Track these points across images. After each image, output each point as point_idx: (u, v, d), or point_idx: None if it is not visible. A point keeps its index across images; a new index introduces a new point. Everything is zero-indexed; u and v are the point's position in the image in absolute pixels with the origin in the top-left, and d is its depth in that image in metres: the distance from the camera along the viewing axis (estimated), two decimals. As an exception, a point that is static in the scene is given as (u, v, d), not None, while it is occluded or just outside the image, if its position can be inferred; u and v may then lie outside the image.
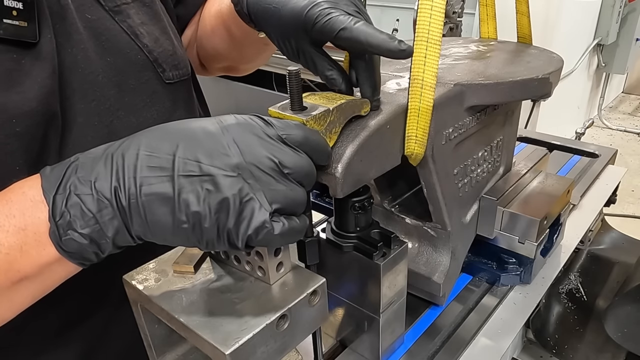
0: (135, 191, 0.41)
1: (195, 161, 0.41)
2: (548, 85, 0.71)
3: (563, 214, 0.88)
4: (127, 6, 0.64)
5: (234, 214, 0.41)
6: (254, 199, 0.42)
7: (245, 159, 0.42)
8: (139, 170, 0.41)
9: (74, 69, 0.57)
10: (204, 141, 0.42)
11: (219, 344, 0.42)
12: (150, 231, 0.42)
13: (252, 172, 0.42)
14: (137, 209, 0.41)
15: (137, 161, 0.42)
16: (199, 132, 0.43)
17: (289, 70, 0.49)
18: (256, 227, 0.42)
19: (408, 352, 0.72)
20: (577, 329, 0.90)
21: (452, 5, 2.25)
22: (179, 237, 0.43)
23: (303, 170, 0.45)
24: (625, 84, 5.01)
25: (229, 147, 0.42)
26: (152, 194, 0.41)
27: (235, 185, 0.41)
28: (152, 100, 0.66)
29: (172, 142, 0.42)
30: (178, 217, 0.41)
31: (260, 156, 0.43)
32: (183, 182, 0.41)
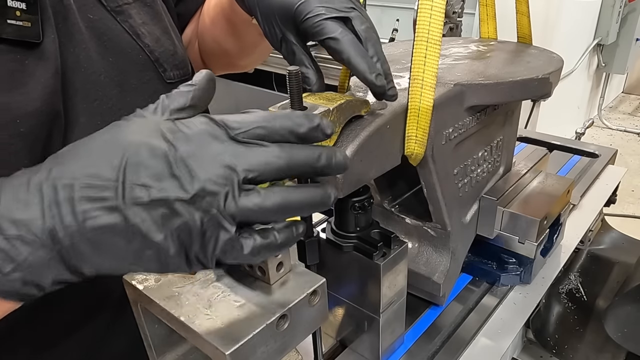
0: (78, 228, 0.36)
1: (142, 186, 0.37)
2: (548, 85, 0.71)
3: (563, 214, 0.88)
4: (129, 6, 0.64)
5: (198, 237, 0.37)
6: (213, 218, 0.37)
7: (197, 176, 0.37)
8: (77, 204, 0.36)
9: (77, 69, 0.57)
10: (149, 162, 0.37)
11: (219, 344, 0.42)
12: (105, 266, 0.38)
13: (206, 188, 0.37)
14: (86, 246, 0.37)
15: (73, 193, 0.37)
16: (143, 151, 0.38)
17: (289, 70, 0.49)
18: (222, 248, 0.38)
19: (408, 352, 0.72)
20: (577, 329, 0.90)
21: (452, 5, 2.25)
22: (143, 265, 0.39)
23: (271, 167, 0.39)
24: (625, 84, 5.01)
25: (177, 167, 0.37)
26: (100, 228, 0.37)
27: (190, 206, 0.37)
28: (154, 100, 0.65)
29: (113, 166, 0.37)
30: (137, 247, 0.37)
31: (213, 169, 0.38)
32: (134, 212, 0.37)
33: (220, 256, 0.39)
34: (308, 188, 0.41)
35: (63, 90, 0.55)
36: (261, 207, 0.38)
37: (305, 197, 0.41)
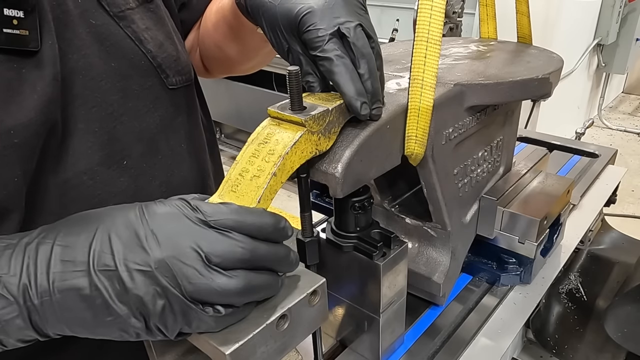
0: (47, 288, 0.38)
1: (110, 254, 0.39)
2: (548, 85, 0.71)
3: (563, 214, 0.88)
4: (132, 12, 0.64)
5: (156, 312, 0.39)
6: (175, 295, 0.39)
7: (163, 252, 0.39)
8: (52, 264, 0.39)
9: (75, 75, 0.57)
10: (122, 233, 0.40)
11: (219, 344, 0.42)
12: (69, 328, 0.40)
13: (170, 265, 0.39)
14: (51, 307, 0.39)
15: (50, 255, 0.39)
16: (119, 222, 0.40)
17: (289, 70, 0.49)
18: (184, 321, 0.40)
19: (408, 352, 0.72)
20: (577, 329, 0.90)
21: (452, 5, 2.25)
22: (105, 332, 0.40)
23: (235, 256, 0.41)
24: (625, 84, 5.01)
25: (146, 240, 0.39)
26: (67, 290, 0.38)
27: (150, 282, 0.39)
28: (155, 106, 0.66)
29: (89, 233, 0.40)
30: (101, 313, 0.39)
31: (181, 247, 0.39)
32: (100, 278, 0.38)
33: (183, 329, 0.41)
34: (267, 276, 0.44)
35: (61, 97, 0.55)
36: (223, 289, 0.40)
37: (266, 282, 0.44)
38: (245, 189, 0.48)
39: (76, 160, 0.56)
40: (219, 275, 0.40)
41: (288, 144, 0.48)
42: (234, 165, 0.50)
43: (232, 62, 0.87)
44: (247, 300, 0.43)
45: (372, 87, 0.54)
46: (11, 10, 0.48)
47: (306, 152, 0.50)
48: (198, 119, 0.77)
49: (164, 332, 0.41)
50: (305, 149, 0.50)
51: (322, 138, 0.52)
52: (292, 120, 0.50)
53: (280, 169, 0.48)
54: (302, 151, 0.50)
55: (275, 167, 0.47)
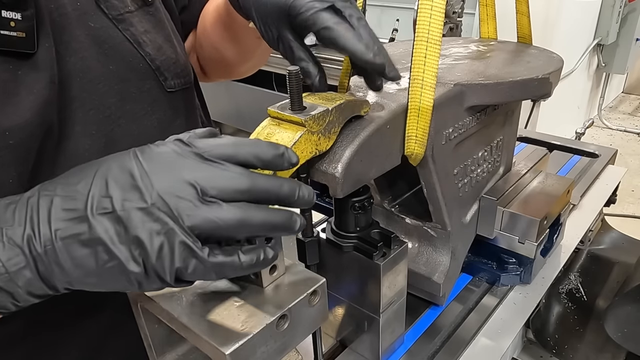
0: (50, 236, 0.38)
1: (107, 197, 0.39)
2: (548, 85, 0.71)
3: (563, 214, 0.88)
4: (131, 15, 0.64)
5: (154, 249, 0.38)
6: (172, 229, 0.38)
7: (159, 188, 0.39)
8: (53, 213, 0.39)
9: (72, 77, 0.57)
10: (118, 175, 0.40)
11: (219, 344, 0.42)
12: (74, 277, 0.39)
13: (167, 200, 0.38)
14: (55, 255, 0.39)
15: (51, 205, 0.39)
16: (114, 167, 0.40)
17: (289, 70, 0.49)
18: (182, 260, 0.39)
19: (408, 352, 0.72)
20: (577, 329, 0.90)
21: (452, 5, 2.25)
22: (108, 280, 0.40)
23: (232, 187, 0.40)
24: (625, 84, 5.00)
25: (141, 179, 0.39)
26: (69, 237, 0.38)
27: (149, 217, 0.38)
28: (153, 109, 0.66)
29: (87, 181, 0.40)
30: (101, 258, 0.38)
31: (176, 183, 0.39)
32: (98, 221, 0.38)
33: (180, 272, 0.39)
34: (272, 209, 0.42)
35: (58, 99, 0.55)
36: (221, 219, 0.39)
37: (267, 217, 0.41)
38: (245, 189, 0.48)
39: (72, 163, 0.56)
40: (216, 206, 0.39)
41: (288, 144, 0.48)
42: (234, 165, 0.50)
43: (228, 64, 0.87)
44: (248, 232, 0.41)
45: (379, 48, 0.54)
46: (9, 12, 0.48)
47: (306, 152, 0.50)
48: (197, 122, 0.77)
49: (161, 276, 0.39)
50: (305, 149, 0.50)
51: (322, 138, 0.52)
52: (292, 120, 0.50)
53: (280, 169, 0.48)
54: (302, 151, 0.50)
55: (275, 167, 0.47)
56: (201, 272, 0.40)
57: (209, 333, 0.43)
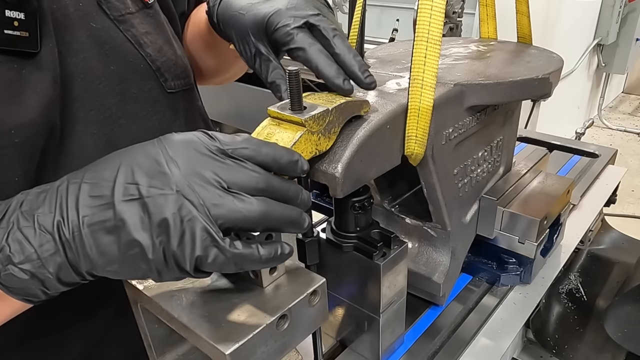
0: (78, 223, 0.39)
1: (134, 184, 0.39)
2: (548, 85, 0.71)
3: (563, 214, 0.88)
4: (132, 16, 0.64)
5: (176, 235, 0.39)
6: (195, 217, 0.39)
7: (185, 174, 0.40)
8: (81, 200, 0.40)
9: (74, 78, 0.57)
10: (143, 162, 0.40)
11: (219, 344, 0.42)
12: (98, 264, 0.40)
13: (193, 188, 0.39)
14: (82, 241, 0.39)
15: (79, 192, 0.40)
16: (139, 154, 0.41)
17: (289, 70, 0.49)
18: (203, 248, 0.39)
19: (408, 352, 0.72)
20: (577, 329, 0.90)
21: (452, 5, 2.25)
22: (129, 267, 0.40)
23: (251, 184, 0.41)
24: (625, 84, 5.01)
25: (167, 165, 0.40)
26: (95, 224, 0.39)
27: (174, 203, 0.39)
28: (154, 109, 0.66)
29: (113, 168, 0.41)
30: (123, 245, 0.39)
31: (198, 171, 0.40)
32: (124, 208, 0.39)
33: (200, 261, 0.39)
34: (287, 206, 0.44)
35: (60, 99, 0.55)
36: (247, 210, 0.40)
37: (285, 212, 0.44)
38: (245, 189, 0.48)
39: (74, 162, 0.56)
40: (242, 197, 0.40)
41: (288, 144, 0.48)
42: (234, 165, 0.50)
43: (203, 74, 0.88)
44: (267, 225, 0.42)
45: (355, 59, 0.56)
46: (12, 12, 0.49)
47: (306, 152, 0.50)
48: (197, 123, 0.78)
49: (181, 265, 0.40)
50: (305, 149, 0.50)
51: (322, 138, 0.52)
52: (292, 120, 0.50)
53: (280, 169, 0.48)
54: (302, 151, 0.50)
55: (275, 167, 0.47)
56: (221, 262, 0.40)
57: (209, 333, 0.43)
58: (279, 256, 0.43)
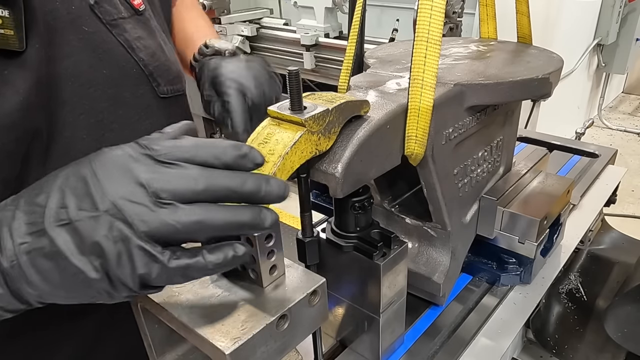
0: (14, 251, 0.38)
1: (63, 208, 0.38)
2: (548, 85, 0.71)
3: (563, 214, 0.88)
4: (124, 20, 0.64)
5: (113, 257, 0.37)
6: (128, 237, 0.37)
7: (111, 195, 0.38)
8: (16, 227, 0.39)
9: (64, 81, 0.56)
10: (73, 184, 0.39)
11: (219, 344, 0.42)
12: (44, 291, 0.39)
13: (121, 207, 0.37)
14: (21, 270, 0.38)
15: (13, 221, 0.39)
16: (71, 175, 0.40)
17: (289, 70, 0.49)
18: (143, 266, 0.38)
19: (408, 352, 0.72)
20: (577, 329, 0.90)
21: (452, 5, 2.24)
22: (76, 292, 0.39)
23: (188, 188, 0.39)
24: (625, 84, 5.00)
25: (93, 186, 0.38)
26: (32, 251, 0.38)
27: (104, 225, 0.37)
28: (147, 114, 0.66)
29: (47, 193, 0.39)
30: (64, 271, 0.38)
31: (128, 187, 0.38)
32: (56, 233, 0.38)
33: (144, 278, 0.38)
34: (237, 207, 0.40)
35: (47, 102, 0.54)
36: (178, 222, 0.38)
37: (231, 217, 0.40)
38: (245, 189, 0.48)
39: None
40: (173, 209, 0.38)
41: (288, 144, 0.48)
42: (234, 165, 0.50)
43: None
44: (209, 233, 0.40)
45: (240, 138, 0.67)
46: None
47: (306, 152, 0.50)
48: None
49: (126, 284, 0.38)
50: (305, 149, 0.50)
51: (322, 138, 0.52)
52: (292, 120, 0.50)
53: (280, 169, 0.48)
54: (302, 151, 0.50)
55: (275, 167, 0.47)
56: (165, 277, 0.39)
57: (209, 333, 0.43)
58: (231, 260, 0.40)
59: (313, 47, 2.69)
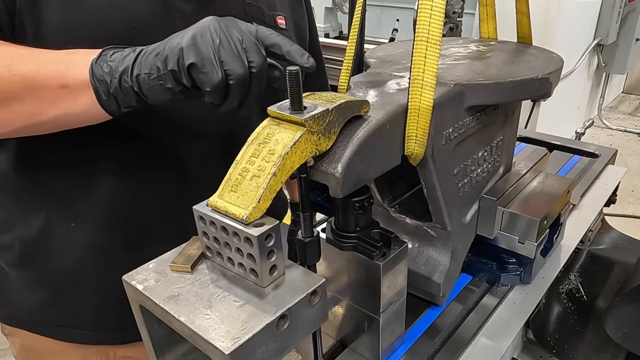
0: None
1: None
2: (548, 85, 0.71)
3: (563, 214, 0.88)
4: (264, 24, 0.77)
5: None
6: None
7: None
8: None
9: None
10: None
11: (219, 344, 0.42)
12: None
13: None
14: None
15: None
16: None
17: (289, 70, 0.49)
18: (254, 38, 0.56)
19: (408, 352, 0.72)
20: (577, 329, 0.90)
21: (452, 5, 2.25)
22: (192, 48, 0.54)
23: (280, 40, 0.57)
24: (625, 84, 5.01)
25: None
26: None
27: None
28: None
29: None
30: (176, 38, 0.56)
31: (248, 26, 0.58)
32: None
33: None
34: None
35: None
36: (267, 30, 0.58)
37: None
38: (245, 188, 0.48)
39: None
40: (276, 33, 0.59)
41: (288, 144, 0.48)
42: (234, 165, 0.50)
43: None
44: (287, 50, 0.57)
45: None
46: None
47: (306, 152, 0.50)
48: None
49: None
50: (305, 149, 0.50)
51: (322, 138, 0.52)
52: (292, 120, 0.50)
53: (280, 168, 0.48)
54: (302, 151, 0.50)
55: (275, 167, 0.47)
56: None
57: (209, 333, 0.43)
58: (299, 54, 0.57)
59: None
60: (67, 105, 0.59)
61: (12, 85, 0.58)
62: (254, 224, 0.47)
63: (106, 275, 0.73)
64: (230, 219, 0.47)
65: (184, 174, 0.77)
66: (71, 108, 0.59)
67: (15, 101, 0.59)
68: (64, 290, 0.78)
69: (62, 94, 0.58)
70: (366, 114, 0.57)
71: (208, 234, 0.50)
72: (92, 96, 0.58)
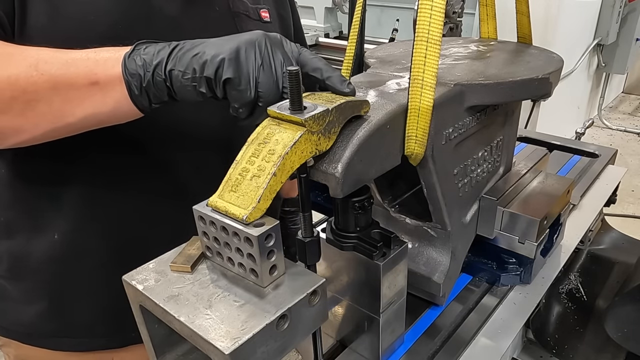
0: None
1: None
2: (548, 85, 0.71)
3: (563, 214, 0.88)
4: (248, 18, 0.79)
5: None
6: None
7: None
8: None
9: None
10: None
11: (219, 344, 0.42)
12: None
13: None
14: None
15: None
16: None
17: (289, 70, 0.49)
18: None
19: (408, 352, 0.72)
20: (577, 329, 0.90)
21: (452, 5, 2.25)
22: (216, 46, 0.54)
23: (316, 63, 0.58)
24: (625, 84, 5.01)
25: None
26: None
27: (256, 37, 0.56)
28: None
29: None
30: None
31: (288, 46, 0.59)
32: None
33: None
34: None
35: None
36: (309, 53, 0.58)
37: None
38: (245, 188, 0.48)
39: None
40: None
41: (288, 144, 0.48)
42: (234, 165, 0.50)
43: None
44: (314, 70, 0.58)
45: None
46: None
47: (306, 152, 0.50)
48: None
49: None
50: (305, 149, 0.50)
51: (322, 138, 0.52)
52: (292, 120, 0.50)
53: (280, 168, 0.48)
54: (302, 151, 0.50)
55: (275, 167, 0.47)
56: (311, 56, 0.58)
57: (209, 333, 0.43)
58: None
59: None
60: (96, 103, 0.58)
61: (38, 85, 0.56)
62: (254, 224, 0.47)
63: (99, 284, 0.72)
64: (230, 219, 0.47)
65: (178, 180, 0.76)
66: (100, 106, 0.58)
67: (42, 103, 0.57)
68: (56, 302, 0.76)
69: (91, 92, 0.57)
70: (366, 114, 0.57)
71: (208, 234, 0.50)
72: (124, 92, 0.57)
